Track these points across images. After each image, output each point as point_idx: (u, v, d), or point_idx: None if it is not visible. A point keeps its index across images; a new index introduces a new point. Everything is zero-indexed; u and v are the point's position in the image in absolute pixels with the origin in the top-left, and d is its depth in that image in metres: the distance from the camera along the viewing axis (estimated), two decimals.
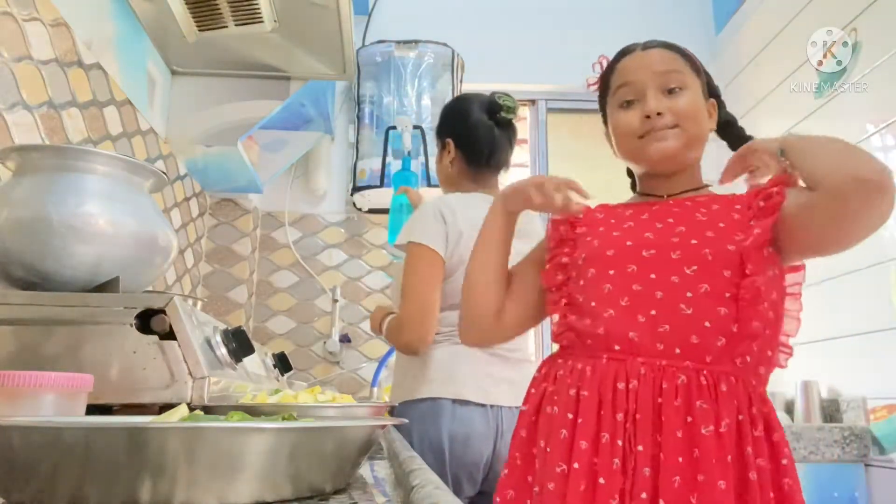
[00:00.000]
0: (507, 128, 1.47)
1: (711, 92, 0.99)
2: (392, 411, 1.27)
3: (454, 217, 1.34)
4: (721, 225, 0.86)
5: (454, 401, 1.29)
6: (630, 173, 1.07)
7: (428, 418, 1.28)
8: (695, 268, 0.82)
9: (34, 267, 0.84)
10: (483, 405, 1.30)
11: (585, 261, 0.90)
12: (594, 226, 0.94)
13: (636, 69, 0.94)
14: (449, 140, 1.46)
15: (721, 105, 1.00)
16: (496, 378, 1.33)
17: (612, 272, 0.86)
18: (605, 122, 1.02)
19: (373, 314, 1.49)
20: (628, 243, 0.88)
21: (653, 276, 0.84)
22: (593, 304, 0.86)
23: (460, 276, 1.35)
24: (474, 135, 1.44)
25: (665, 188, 0.96)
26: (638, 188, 1.02)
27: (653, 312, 0.82)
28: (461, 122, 1.46)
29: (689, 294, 0.81)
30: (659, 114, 0.90)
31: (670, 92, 0.92)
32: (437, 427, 1.27)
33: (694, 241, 0.84)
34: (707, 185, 0.98)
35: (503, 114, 1.44)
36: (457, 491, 1.27)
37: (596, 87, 1.03)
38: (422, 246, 1.32)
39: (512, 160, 1.53)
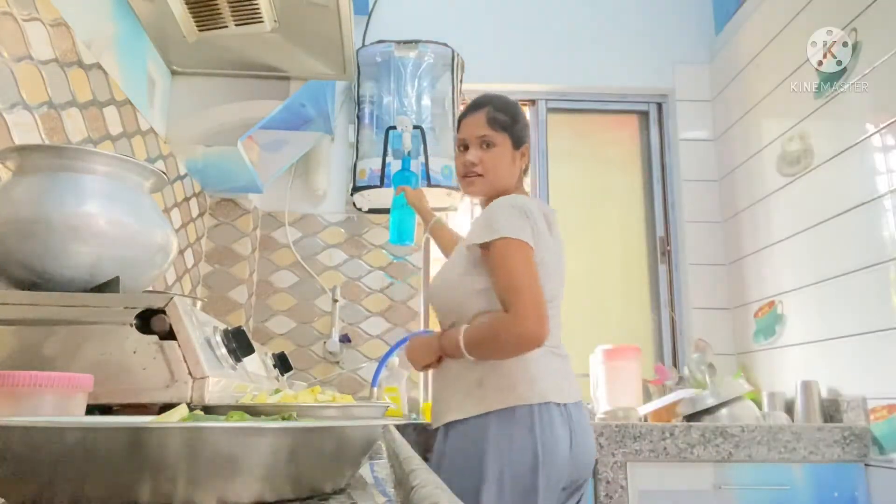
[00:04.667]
0: None
1: None
2: (442, 428, 1.31)
3: (532, 215, 1.35)
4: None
5: (542, 405, 1.28)
6: None
7: (539, 425, 1.26)
8: None
9: (34, 267, 0.84)
10: (561, 405, 1.31)
11: None
12: None
13: None
14: (527, 146, 1.53)
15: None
16: (563, 375, 1.35)
17: None
18: None
19: (442, 340, 1.38)
20: None
21: None
22: None
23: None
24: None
25: None
26: None
27: None
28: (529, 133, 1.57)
29: None
30: None
31: None
32: (553, 432, 1.27)
33: None
34: None
35: None
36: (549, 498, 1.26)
37: None
38: (519, 241, 1.30)
39: None
